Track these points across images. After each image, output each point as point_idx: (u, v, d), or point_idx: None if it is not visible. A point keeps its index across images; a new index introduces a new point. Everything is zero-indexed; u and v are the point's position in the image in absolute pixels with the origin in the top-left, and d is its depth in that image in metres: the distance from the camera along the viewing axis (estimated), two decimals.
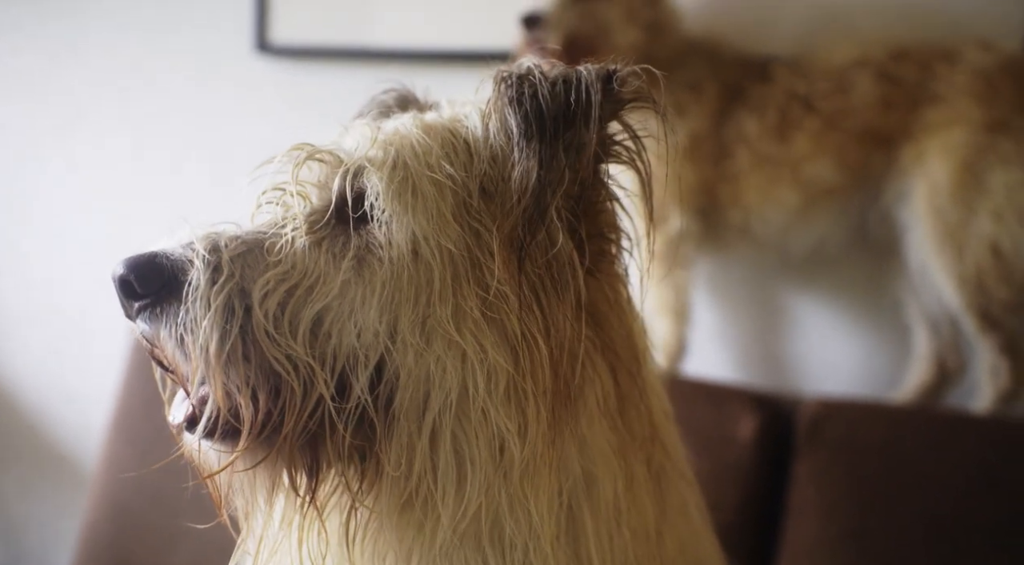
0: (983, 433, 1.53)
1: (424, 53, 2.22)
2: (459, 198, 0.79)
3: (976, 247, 1.63)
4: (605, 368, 0.82)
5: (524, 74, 0.81)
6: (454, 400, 0.75)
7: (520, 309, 0.76)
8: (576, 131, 0.78)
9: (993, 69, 1.64)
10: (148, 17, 2.50)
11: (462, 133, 0.83)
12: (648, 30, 1.80)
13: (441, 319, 0.76)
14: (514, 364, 0.76)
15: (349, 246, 0.78)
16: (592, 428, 0.80)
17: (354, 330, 0.76)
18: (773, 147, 1.77)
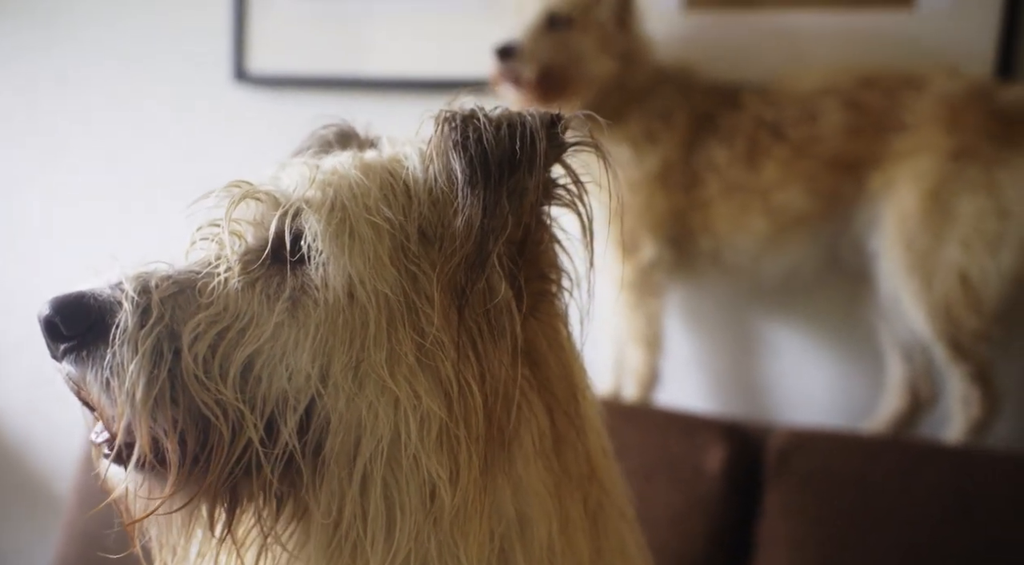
0: (954, 463, 1.52)
1: (400, 82, 2.22)
2: (397, 241, 0.77)
3: (945, 275, 1.63)
4: (542, 408, 0.81)
5: (468, 117, 0.80)
6: (386, 446, 0.74)
7: (457, 356, 0.75)
8: (520, 177, 0.77)
9: (959, 96, 1.64)
10: (127, 49, 2.50)
11: (401, 174, 0.81)
12: (621, 60, 1.81)
13: (375, 364, 0.75)
14: (447, 410, 0.74)
15: (284, 287, 0.77)
16: (527, 469, 0.79)
17: (285, 373, 0.75)
18: (743, 175, 1.77)
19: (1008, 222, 1.59)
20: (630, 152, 1.81)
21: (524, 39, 1.74)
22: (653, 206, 1.81)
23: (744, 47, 1.93)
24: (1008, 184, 1.59)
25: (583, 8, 1.77)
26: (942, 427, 1.75)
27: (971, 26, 1.77)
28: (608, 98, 1.82)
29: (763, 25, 1.91)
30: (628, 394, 1.91)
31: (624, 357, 1.93)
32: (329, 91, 2.32)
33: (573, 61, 1.77)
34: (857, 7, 1.84)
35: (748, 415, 2.03)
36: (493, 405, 0.76)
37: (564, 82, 1.78)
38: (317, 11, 2.29)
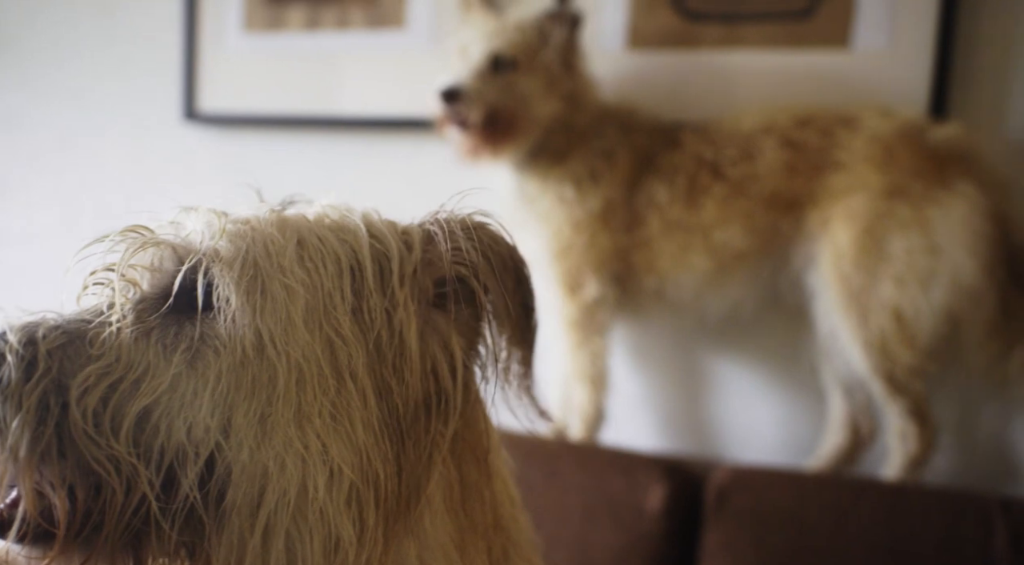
0: (887, 501, 1.52)
1: (351, 120, 2.23)
2: (313, 306, 0.75)
3: (879, 312, 1.64)
4: (453, 463, 0.80)
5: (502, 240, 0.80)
6: (292, 498, 0.72)
7: (376, 429, 0.74)
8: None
9: (891, 136, 1.66)
10: (78, 88, 2.50)
11: (332, 243, 0.78)
12: (566, 100, 1.81)
13: (281, 419, 0.72)
14: (360, 470, 0.73)
15: (182, 337, 0.75)
16: (434, 523, 0.78)
17: (184, 426, 0.73)
18: (684, 214, 1.78)
19: (939, 259, 1.60)
20: (574, 191, 1.81)
21: (469, 81, 1.75)
22: (596, 245, 1.82)
23: (686, 86, 1.94)
24: (939, 222, 1.61)
25: (528, 50, 1.78)
26: (884, 463, 1.76)
27: (905, 66, 1.80)
28: (553, 138, 1.83)
29: (703, 64, 1.93)
30: (574, 433, 1.90)
31: (570, 396, 1.92)
32: (280, 130, 2.33)
33: (518, 103, 1.77)
34: (795, 47, 1.87)
35: (695, 453, 2.03)
36: (411, 467, 0.75)
37: (509, 124, 1.78)
38: (267, 50, 2.29)
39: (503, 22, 1.79)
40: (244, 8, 2.30)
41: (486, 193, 1.97)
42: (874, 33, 1.82)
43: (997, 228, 1.64)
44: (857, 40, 1.83)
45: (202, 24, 2.34)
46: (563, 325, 1.87)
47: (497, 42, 1.76)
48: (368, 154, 2.26)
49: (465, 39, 1.80)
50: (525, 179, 1.87)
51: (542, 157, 1.84)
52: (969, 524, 1.47)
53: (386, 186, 2.24)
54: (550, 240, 1.83)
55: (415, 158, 2.19)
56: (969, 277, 1.60)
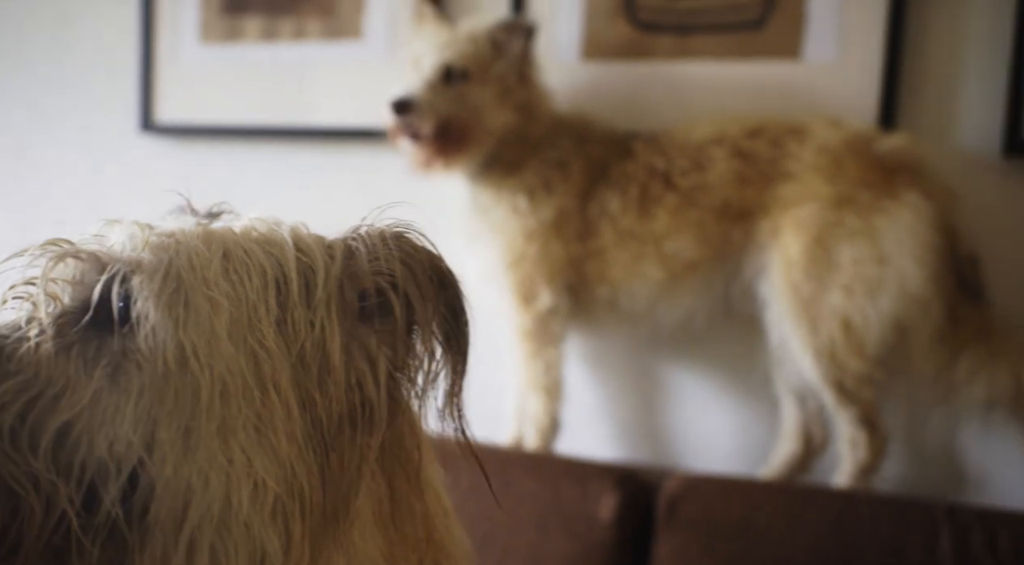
0: (836, 508, 1.52)
1: (307, 130, 2.23)
2: (238, 319, 0.73)
3: (829, 321, 1.65)
4: (382, 476, 0.79)
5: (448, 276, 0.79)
6: (216, 512, 0.71)
7: (301, 442, 0.73)
8: None
9: (839, 146, 1.68)
10: (34, 98, 2.48)
11: (258, 256, 0.76)
12: (520, 111, 1.81)
13: (205, 432, 0.71)
14: (285, 483, 0.72)
15: (104, 352, 0.74)
16: (363, 537, 0.77)
17: (105, 441, 0.72)
18: (636, 224, 1.78)
19: (887, 268, 1.62)
20: (527, 201, 1.81)
21: (420, 93, 1.74)
22: (549, 255, 1.82)
23: (640, 97, 1.95)
24: (886, 231, 1.62)
25: (480, 61, 1.77)
26: (836, 470, 1.77)
27: (855, 77, 1.81)
28: (506, 148, 1.83)
29: (657, 75, 1.94)
30: (530, 443, 1.90)
31: (525, 405, 1.92)
32: (237, 141, 2.31)
33: (471, 113, 1.77)
34: (747, 58, 1.88)
35: (652, 462, 2.03)
36: (337, 480, 0.74)
37: (462, 135, 1.78)
38: (224, 61, 2.28)
39: (455, 33, 1.79)
40: (200, 19, 2.29)
41: (424, 204, 1.98)
42: (824, 45, 1.83)
43: (944, 237, 1.65)
44: (807, 51, 1.84)
45: (159, 35, 2.33)
46: (517, 335, 1.87)
47: (449, 53, 1.76)
48: (326, 164, 2.25)
49: (417, 50, 1.80)
50: (479, 190, 1.87)
51: (496, 168, 1.84)
52: (915, 530, 1.48)
53: (344, 196, 2.23)
54: (503, 250, 1.83)
55: (373, 168, 2.18)
56: (916, 286, 1.61)
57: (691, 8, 1.90)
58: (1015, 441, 1.74)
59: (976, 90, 1.77)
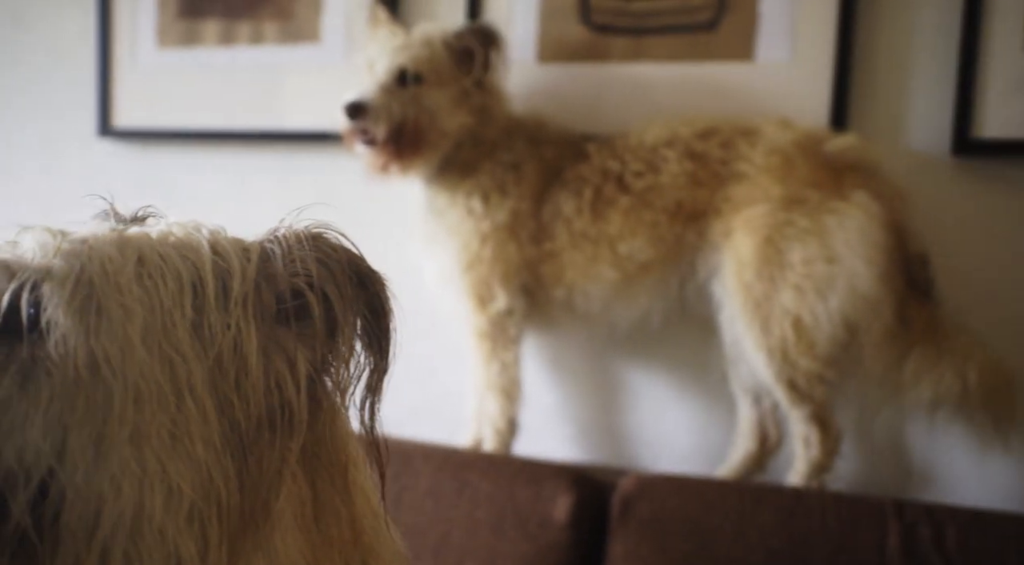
0: (786, 506, 1.53)
1: (264, 134, 2.22)
2: (152, 324, 0.72)
3: (780, 320, 1.65)
4: (304, 478, 0.79)
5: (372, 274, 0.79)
6: (128, 520, 0.70)
7: (218, 444, 0.72)
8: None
9: (789, 146, 1.68)
10: None
11: (174, 260, 0.76)
12: (476, 114, 1.81)
13: (118, 440, 0.70)
14: (201, 487, 0.71)
15: (13, 359, 0.73)
16: (285, 540, 0.76)
17: (14, 450, 0.71)
18: (590, 225, 1.78)
19: (836, 267, 1.62)
20: (481, 204, 1.81)
21: (374, 96, 1.73)
22: (504, 257, 1.81)
23: (596, 98, 1.95)
24: (836, 231, 1.63)
25: (435, 64, 1.77)
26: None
27: (807, 79, 1.82)
28: (461, 150, 1.83)
29: (612, 76, 1.94)
30: (488, 445, 1.90)
31: (483, 407, 1.92)
32: (196, 145, 2.30)
33: (426, 117, 1.76)
34: (700, 59, 1.89)
35: (612, 463, 2.03)
36: (255, 484, 0.73)
37: (417, 138, 1.77)
38: (182, 65, 2.27)
39: (410, 36, 1.78)
40: (157, 23, 2.27)
41: (385, 206, 1.97)
42: (776, 46, 1.84)
43: (893, 237, 1.66)
44: (760, 53, 1.85)
45: (116, 39, 2.31)
46: (474, 337, 1.87)
47: (403, 56, 1.75)
48: (285, 168, 2.24)
49: (372, 54, 1.79)
50: (435, 192, 1.86)
51: (451, 170, 1.83)
52: (865, 527, 1.48)
53: (303, 199, 2.21)
54: (459, 252, 1.83)
55: (332, 171, 2.17)
56: (865, 285, 1.62)
57: (645, 10, 1.91)
58: (962, 438, 1.75)
59: (926, 91, 1.78)
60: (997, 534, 1.44)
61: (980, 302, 1.75)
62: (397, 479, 1.76)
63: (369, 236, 2.22)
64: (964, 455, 1.78)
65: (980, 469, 1.78)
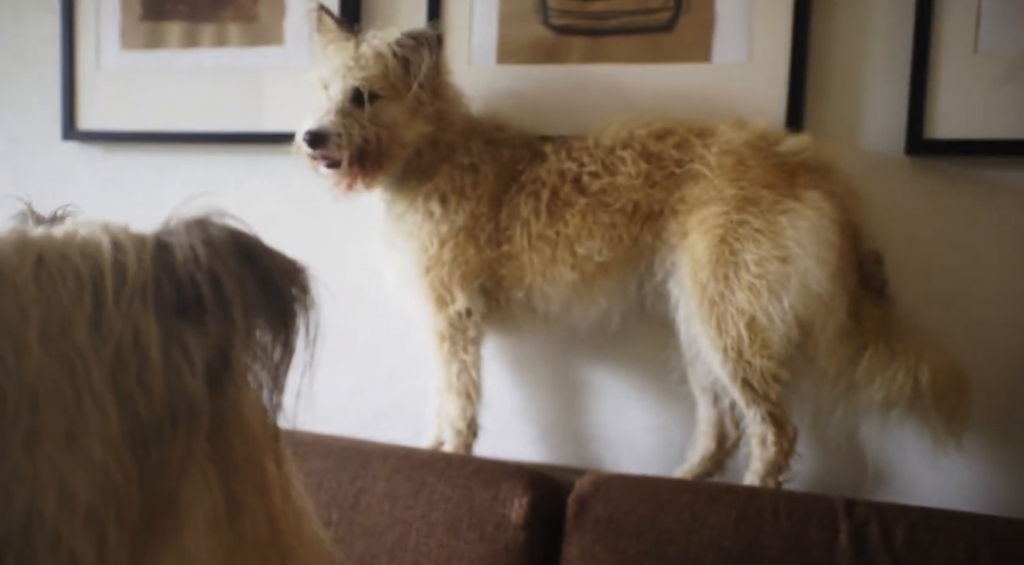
0: (739, 505, 1.52)
1: (227, 135, 2.21)
2: (49, 324, 0.71)
3: (735, 319, 1.65)
4: (216, 477, 0.78)
5: (260, 251, 0.76)
6: (19, 524, 0.69)
7: (118, 443, 0.71)
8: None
9: (742, 146, 1.68)
10: None
11: (74, 259, 0.74)
12: (434, 121, 1.79)
13: (11, 445, 0.69)
14: (98, 487, 0.70)
15: None
16: (196, 540, 0.75)
17: None
18: (548, 227, 1.77)
19: (789, 267, 1.62)
20: (439, 207, 1.80)
21: (332, 122, 1.70)
22: (463, 259, 1.80)
23: (554, 99, 1.95)
24: (788, 230, 1.62)
25: (389, 78, 1.73)
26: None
27: (764, 79, 1.82)
28: (421, 156, 1.81)
29: (571, 77, 1.94)
30: (448, 447, 1.89)
31: (444, 408, 1.91)
32: (161, 147, 2.29)
33: (386, 133, 1.74)
34: (658, 60, 1.89)
35: (575, 464, 2.02)
36: (157, 483, 0.72)
37: (379, 154, 1.74)
38: (146, 68, 2.26)
39: (361, 51, 1.74)
40: (121, 25, 2.26)
41: (354, 208, 1.95)
42: (733, 47, 1.84)
43: (846, 236, 1.66)
44: (716, 54, 1.85)
45: (80, 42, 2.30)
46: (433, 339, 1.86)
47: (357, 76, 1.71)
48: (250, 169, 2.23)
49: (324, 74, 1.75)
50: (394, 197, 1.85)
51: (409, 175, 1.82)
52: (815, 525, 1.48)
53: (268, 201, 2.21)
54: (418, 255, 1.82)
55: (296, 173, 2.16)
56: (818, 284, 1.62)
57: (602, 11, 1.91)
58: (918, 439, 1.75)
59: (880, 92, 1.78)
60: (946, 532, 1.43)
61: (933, 301, 1.75)
62: (355, 481, 1.75)
63: (335, 238, 2.23)
64: (919, 455, 1.78)
65: (935, 470, 1.78)
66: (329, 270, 2.16)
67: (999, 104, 1.68)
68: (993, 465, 1.76)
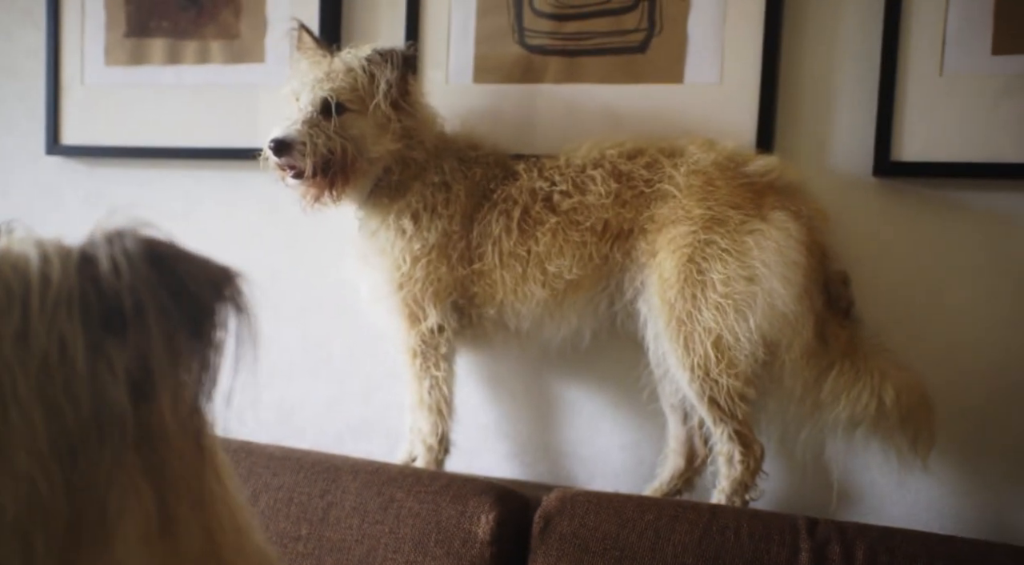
0: (701, 523, 1.52)
1: (209, 151, 2.22)
2: None
3: (702, 338, 1.65)
4: (149, 490, 0.78)
5: (176, 256, 0.75)
6: None
7: (46, 453, 0.71)
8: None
9: (710, 167, 1.69)
10: None
11: (5, 273, 0.74)
12: (403, 137, 1.80)
13: None
14: (25, 500, 0.71)
15: None
16: (127, 552, 0.75)
17: None
18: (520, 245, 1.78)
19: (755, 287, 1.63)
20: (411, 224, 1.81)
21: (298, 131, 1.71)
22: (435, 276, 1.81)
23: (530, 118, 1.96)
24: (754, 250, 1.63)
25: (358, 92, 1.75)
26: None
27: (735, 100, 1.83)
28: (391, 173, 1.82)
29: (546, 97, 1.95)
30: (420, 463, 1.89)
31: (415, 424, 1.92)
32: (144, 162, 2.30)
33: (352, 146, 1.74)
34: (632, 80, 1.90)
35: (549, 481, 2.03)
36: (87, 492, 0.73)
37: (345, 168, 1.74)
38: (130, 84, 2.27)
39: (332, 65, 1.75)
40: (105, 42, 2.28)
41: (331, 224, 1.96)
42: (705, 68, 1.85)
43: (813, 256, 1.67)
44: (689, 75, 1.86)
45: (65, 57, 2.32)
46: (406, 355, 1.87)
47: (326, 88, 1.73)
48: (232, 185, 2.24)
49: (296, 86, 1.77)
50: (368, 214, 1.86)
51: (381, 192, 1.83)
52: (777, 543, 1.48)
53: (249, 215, 2.22)
54: (390, 272, 1.82)
55: (277, 188, 2.17)
56: (783, 304, 1.62)
57: (577, 32, 1.92)
58: (886, 459, 1.75)
59: (849, 113, 1.79)
60: (905, 552, 1.43)
61: (900, 321, 1.75)
62: (324, 495, 1.75)
63: (313, 253, 2.23)
64: (888, 475, 1.78)
65: (903, 490, 1.78)
66: (308, 285, 2.18)
67: (965, 127, 1.69)
68: (962, 485, 1.76)
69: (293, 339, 2.22)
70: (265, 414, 2.25)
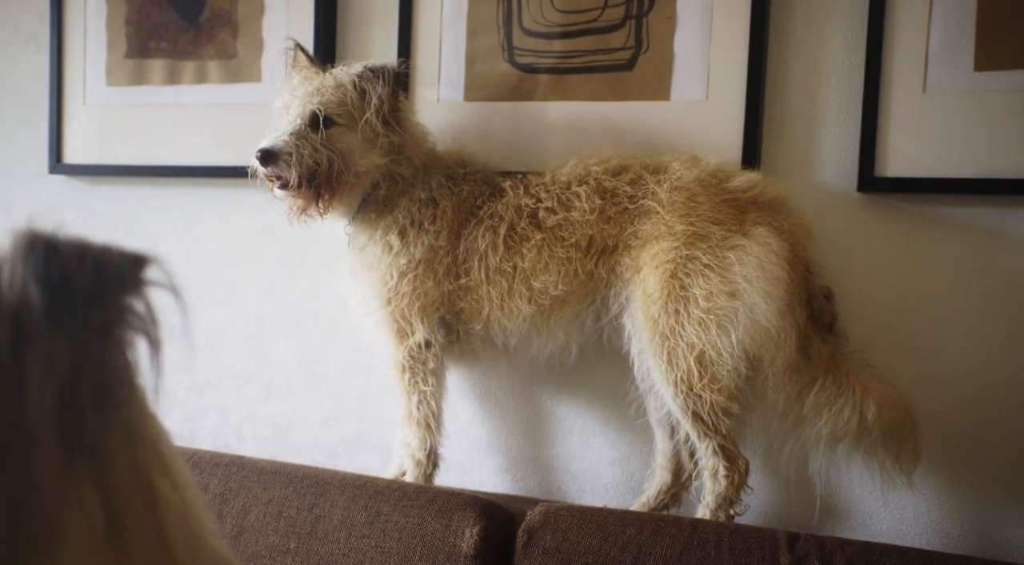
0: (683, 537, 1.51)
1: (209, 169, 2.24)
2: None
3: (685, 353, 1.64)
4: (96, 500, 0.78)
5: (50, 245, 0.75)
6: None
7: None
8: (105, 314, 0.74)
9: (692, 183, 1.69)
10: None
11: None
12: (390, 153, 1.80)
13: None
14: None
15: None
16: (72, 561, 0.76)
17: None
18: (506, 261, 1.78)
19: (737, 302, 1.62)
20: (399, 240, 1.81)
21: (285, 142, 1.72)
22: (422, 291, 1.81)
23: (519, 135, 1.96)
24: (736, 266, 1.62)
25: (346, 106, 1.76)
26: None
27: (721, 117, 1.82)
28: (379, 188, 1.83)
29: (535, 114, 1.95)
30: (409, 477, 1.89)
31: (404, 439, 1.91)
32: (145, 180, 2.32)
33: (339, 159, 1.75)
34: (620, 97, 1.90)
35: (540, 495, 2.02)
36: (24, 506, 0.73)
37: (331, 180, 1.75)
38: (130, 104, 2.30)
39: (323, 79, 1.77)
40: (107, 63, 2.31)
41: (325, 238, 1.97)
42: (691, 85, 1.85)
43: (795, 272, 1.66)
44: (675, 92, 1.86)
45: (68, 77, 2.35)
46: (394, 369, 1.87)
47: (315, 101, 1.74)
48: (229, 202, 2.26)
49: (287, 99, 1.79)
50: (357, 230, 1.87)
51: (369, 208, 1.84)
52: (757, 558, 1.46)
53: (246, 232, 2.24)
54: (378, 287, 1.83)
55: (274, 206, 2.18)
56: (765, 319, 1.61)
57: (566, 50, 1.93)
58: (871, 475, 1.73)
59: (833, 130, 1.78)
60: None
61: (884, 337, 1.74)
62: (312, 509, 1.75)
63: (309, 269, 2.23)
64: (873, 491, 1.76)
65: (888, 506, 1.76)
66: (304, 301, 2.19)
67: (948, 143, 1.68)
68: (947, 502, 1.74)
69: (289, 354, 2.23)
70: (262, 429, 2.25)
